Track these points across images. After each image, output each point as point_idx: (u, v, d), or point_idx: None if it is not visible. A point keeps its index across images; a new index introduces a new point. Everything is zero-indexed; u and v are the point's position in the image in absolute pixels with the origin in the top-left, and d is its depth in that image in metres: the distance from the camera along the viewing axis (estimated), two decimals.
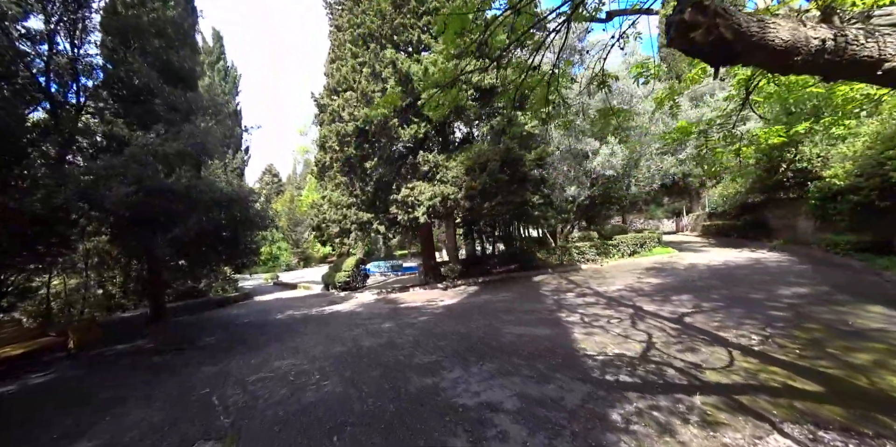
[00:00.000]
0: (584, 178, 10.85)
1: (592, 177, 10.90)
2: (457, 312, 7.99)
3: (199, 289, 13.61)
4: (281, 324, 8.85)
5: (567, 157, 10.88)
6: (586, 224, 17.71)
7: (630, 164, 11.57)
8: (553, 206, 11.78)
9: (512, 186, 10.10)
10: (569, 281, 10.78)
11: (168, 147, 6.04)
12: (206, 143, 7.06)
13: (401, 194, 10.52)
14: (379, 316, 8.67)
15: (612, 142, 10.50)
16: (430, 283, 13.70)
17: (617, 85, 10.86)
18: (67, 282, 12.62)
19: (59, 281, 12.67)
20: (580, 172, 10.88)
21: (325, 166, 13.63)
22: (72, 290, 12.34)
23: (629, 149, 10.86)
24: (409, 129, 10.29)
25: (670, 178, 15.27)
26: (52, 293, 11.51)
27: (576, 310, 7.11)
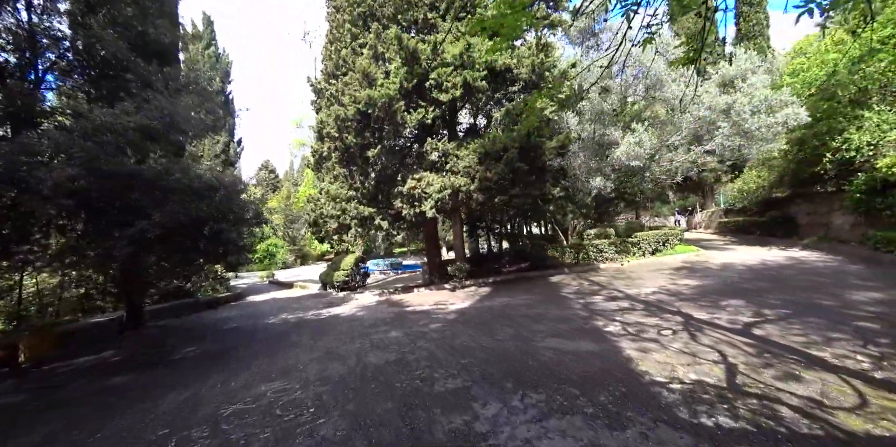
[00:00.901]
0: (607, 170, 9.90)
1: (615, 168, 9.96)
2: (474, 318, 7.03)
3: (186, 289, 12.59)
4: (272, 331, 7.87)
5: (589, 146, 9.90)
6: (596, 221, 16.78)
7: (659, 154, 10.60)
8: (573, 200, 10.82)
9: (530, 177, 9.12)
10: (591, 282, 9.84)
11: (126, 120, 4.97)
12: (179, 117, 5.98)
13: (406, 186, 9.52)
14: (383, 322, 7.70)
15: (639, 129, 9.55)
16: (436, 284, 12.74)
17: (643, 69, 9.89)
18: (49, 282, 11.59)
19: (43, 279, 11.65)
20: (603, 163, 9.92)
21: (322, 157, 12.59)
22: (50, 290, 11.31)
23: (657, 137, 9.89)
24: (415, 113, 9.27)
25: (694, 172, 14.33)
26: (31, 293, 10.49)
27: (613, 317, 6.16)
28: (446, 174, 9.20)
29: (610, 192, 10.30)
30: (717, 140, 10.50)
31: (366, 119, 9.81)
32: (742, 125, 9.97)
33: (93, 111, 4.96)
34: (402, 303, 9.96)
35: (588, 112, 9.84)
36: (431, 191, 9.15)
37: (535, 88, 9.94)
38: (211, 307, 12.89)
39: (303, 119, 29.95)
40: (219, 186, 6.23)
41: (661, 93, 10.66)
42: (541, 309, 7.36)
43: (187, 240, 6.14)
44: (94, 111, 4.95)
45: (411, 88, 9.28)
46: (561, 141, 8.77)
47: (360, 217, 10.23)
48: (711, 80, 11.60)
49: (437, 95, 9.01)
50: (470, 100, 9.66)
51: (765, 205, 15.34)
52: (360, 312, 9.34)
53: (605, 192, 10.13)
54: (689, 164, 11.56)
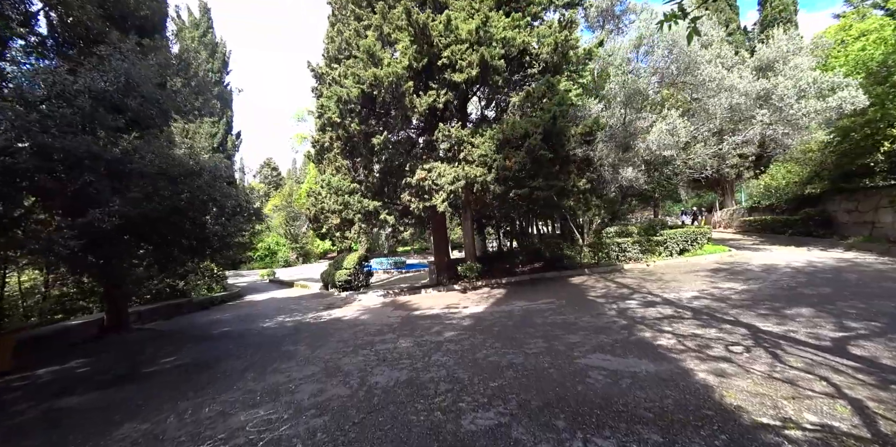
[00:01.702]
0: (636, 160, 8.97)
1: (645, 158, 9.02)
2: (493, 326, 6.15)
3: (180, 288, 11.80)
4: (266, 337, 7.02)
5: (618, 133, 8.96)
6: (610, 219, 15.83)
7: (690, 144, 9.63)
8: (598, 194, 9.90)
9: (553, 167, 8.21)
10: (617, 284, 8.92)
11: (68, 81, 4.05)
12: (144, 85, 5.03)
13: (415, 177, 8.64)
14: (390, 328, 6.84)
15: (673, 114, 8.61)
16: (445, 284, 11.87)
17: (676, 50, 8.93)
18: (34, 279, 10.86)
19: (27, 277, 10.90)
20: (629, 152, 8.98)
21: (323, 148, 11.73)
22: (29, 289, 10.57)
23: (693, 123, 8.91)
24: (425, 96, 8.37)
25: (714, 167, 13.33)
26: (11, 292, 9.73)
27: (659, 326, 5.25)
28: (459, 164, 8.31)
29: (643, 184, 9.36)
30: (755, 129, 9.52)
31: (370, 103, 8.93)
32: (786, 112, 8.99)
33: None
34: (409, 306, 9.10)
35: (618, 94, 8.90)
36: (443, 182, 8.26)
37: (556, 71, 9.02)
38: (205, 308, 12.10)
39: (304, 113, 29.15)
40: (199, 171, 5.34)
41: (692, 77, 9.69)
42: (569, 315, 6.46)
43: (163, 234, 5.30)
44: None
45: (421, 69, 8.38)
46: (588, 126, 7.84)
47: (365, 211, 9.36)
48: (746, 63, 10.60)
49: (450, 76, 8.11)
50: (486, 82, 8.75)
51: (796, 202, 14.32)
52: (364, 316, 8.49)
53: (637, 184, 9.20)
54: (718, 156, 10.59)
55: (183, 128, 14.81)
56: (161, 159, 4.77)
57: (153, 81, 5.24)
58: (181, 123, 7.62)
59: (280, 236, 39.38)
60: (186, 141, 7.00)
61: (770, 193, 15.64)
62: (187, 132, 15.35)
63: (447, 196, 8.33)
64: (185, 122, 7.52)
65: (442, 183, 8.30)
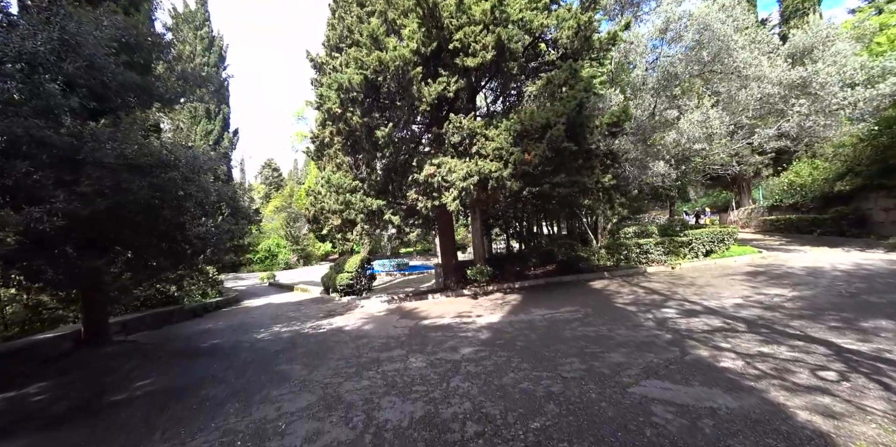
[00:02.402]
0: (665, 154, 8.22)
1: (673, 152, 8.27)
2: (515, 340, 5.38)
3: (171, 294, 11.07)
4: (257, 353, 6.27)
5: (645, 124, 8.20)
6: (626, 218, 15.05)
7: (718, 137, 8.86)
8: (623, 192, 9.13)
9: (576, 162, 7.45)
10: (645, 289, 8.14)
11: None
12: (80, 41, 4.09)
13: (423, 173, 7.89)
14: (397, 341, 6.08)
15: (706, 104, 7.87)
16: (454, 289, 11.10)
17: (708, 34, 8.18)
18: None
19: None
20: (658, 146, 8.23)
21: (323, 143, 10.99)
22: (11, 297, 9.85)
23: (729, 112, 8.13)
24: (435, 84, 7.64)
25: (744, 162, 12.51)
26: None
27: (714, 342, 4.48)
28: (472, 159, 7.55)
29: (674, 179, 8.59)
30: (793, 120, 8.74)
31: (374, 92, 8.19)
32: (827, 101, 8.22)
33: None
34: (416, 314, 8.34)
35: (647, 81, 8.15)
36: (454, 178, 7.51)
37: (576, 58, 8.27)
38: (198, 315, 11.37)
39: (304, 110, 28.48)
40: (173, 163, 4.55)
41: (722, 65, 8.92)
42: (600, 326, 5.69)
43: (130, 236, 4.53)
44: None
45: (430, 54, 7.65)
46: (615, 116, 7.09)
47: (368, 211, 8.61)
48: (779, 51, 9.84)
49: (461, 61, 7.38)
50: (499, 70, 8.01)
51: (823, 200, 13.53)
52: (368, 325, 7.73)
53: (669, 179, 8.43)
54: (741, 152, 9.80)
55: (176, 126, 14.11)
56: (126, 147, 4.00)
57: (105, 45, 4.40)
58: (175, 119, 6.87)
59: (281, 238, 38.70)
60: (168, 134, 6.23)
61: (794, 191, 14.83)
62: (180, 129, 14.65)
63: (458, 193, 7.58)
64: (167, 111, 6.80)
65: (453, 179, 7.55)
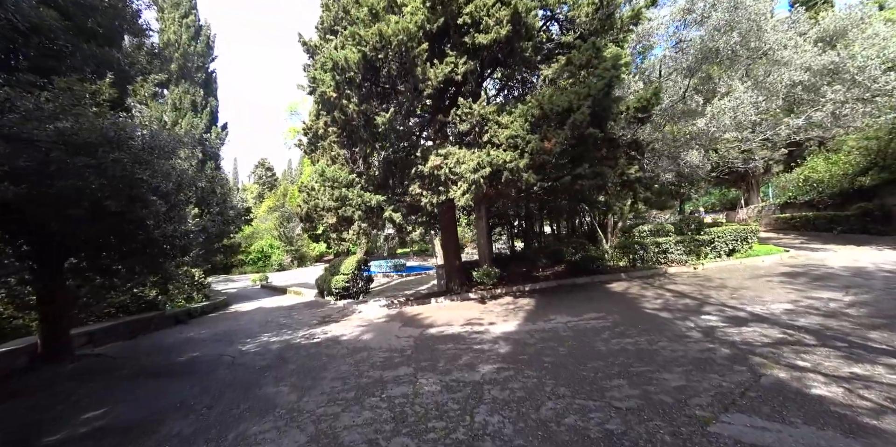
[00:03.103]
0: (694, 143, 7.52)
1: (700, 142, 7.58)
2: (541, 354, 4.60)
3: (150, 299, 10.15)
4: (240, 371, 5.43)
5: (675, 110, 7.47)
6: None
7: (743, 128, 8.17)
8: (648, 186, 8.41)
9: (600, 152, 6.70)
10: (673, 292, 7.41)
11: None
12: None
13: (428, 165, 7.10)
14: (402, 355, 5.27)
15: (739, 87, 7.18)
16: (458, 292, 10.31)
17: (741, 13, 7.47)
18: None
19: None
20: (687, 135, 7.52)
21: (316, 135, 10.14)
22: None
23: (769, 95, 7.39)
24: (441, 66, 6.85)
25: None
26: None
27: (787, 359, 3.73)
28: (484, 148, 6.77)
29: (711, 171, 7.89)
30: (826, 108, 8.08)
31: (373, 75, 7.37)
32: (867, 86, 7.58)
33: None
34: (420, 321, 7.54)
35: (683, 59, 7.42)
36: (463, 170, 6.72)
37: (597, 36, 7.53)
38: (181, 322, 10.46)
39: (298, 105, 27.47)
40: (123, 140, 3.66)
41: (748, 50, 8.23)
42: (638, 337, 4.94)
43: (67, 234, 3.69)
44: None
45: (436, 32, 6.86)
46: (644, 100, 6.35)
47: (366, 207, 7.79)
48: (806, 35, 9.19)
49: (472, 39, 6.60)
50: (513, 51, 7.23)
51: (843, 196, 12.96)
52: (367, 335, 6.91)
53: (703, 170, 7.72)
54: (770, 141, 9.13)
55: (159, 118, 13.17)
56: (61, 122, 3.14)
57: None
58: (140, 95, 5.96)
59: (274, 239, 37.64)
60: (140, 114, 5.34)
61: (810, 187, 14.26)
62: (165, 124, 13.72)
63: (468, 187, 6.79)
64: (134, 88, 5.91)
65: (461, 171, 6.76)
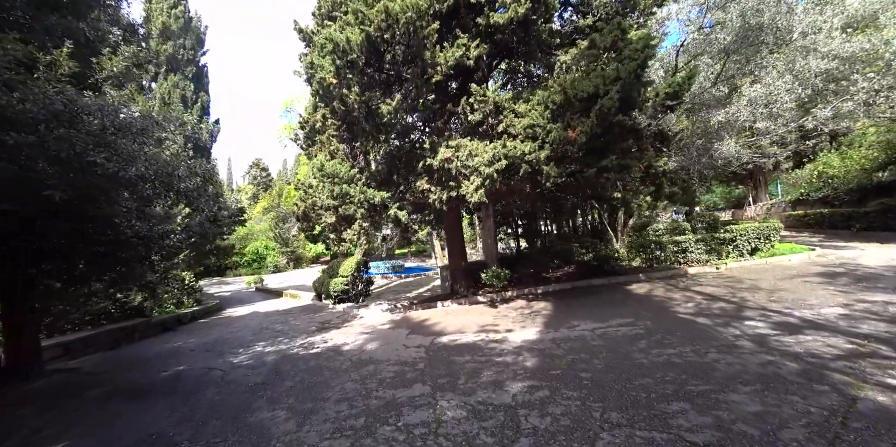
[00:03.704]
0: (722, 134, 6.98)
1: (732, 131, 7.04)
2: (573, 367, 3.99)
3: (135, 305, 9.43)
4: (229, 390, 4.78)
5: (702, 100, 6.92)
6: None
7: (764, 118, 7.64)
8: (674, 180, 7.85)
9: (626, 142, 6.13)
10: (703, 295, 6.85)
11: None
12: None
13: (437, 158, 6.48)
14: (414, 369, 4.66)
15: (773, 73, 6.65)
16: (465, 295, 9.71)
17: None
18: None
19: None
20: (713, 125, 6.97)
21: (314, 129, 9.50)
22: None
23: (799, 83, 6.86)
24: (452, 49, 6.25)
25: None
26: None
27: (874, 377, 3.15)
28: (500, 138, 6.17)
29: (746, 162, 7.35)
30: (858, 97, 7.59)
31: (376, 60, 6.74)
32: None
33: None
34: (428, 327, 6.93)
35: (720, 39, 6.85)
36: (477, 163, 6.12)
37: (619, 17, 6.96)
38: (169, 329, 9.76)
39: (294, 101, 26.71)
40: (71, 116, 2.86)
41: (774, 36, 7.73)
42: (680, 347, 4.35)
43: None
44: None
45: (446, 11, 6.25)
46: (676, 85, 5.78)
47: (369, 204, 7.15)
48: (833, 21, 8.70)
49: (487, 19, 6.01)
50: (529, 34, 6.65)
51: (861, 192, 12.53)
52: (371, 344, 6.29)
53: (739, 162, 7.18)
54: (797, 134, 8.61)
55: None
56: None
57: None
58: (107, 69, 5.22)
59: (269, 240, 36.83)
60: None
61: (823, 183, 13.84)
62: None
63: (482, 182, 6.19)
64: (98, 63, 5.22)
65: (475, 164, 6.16)
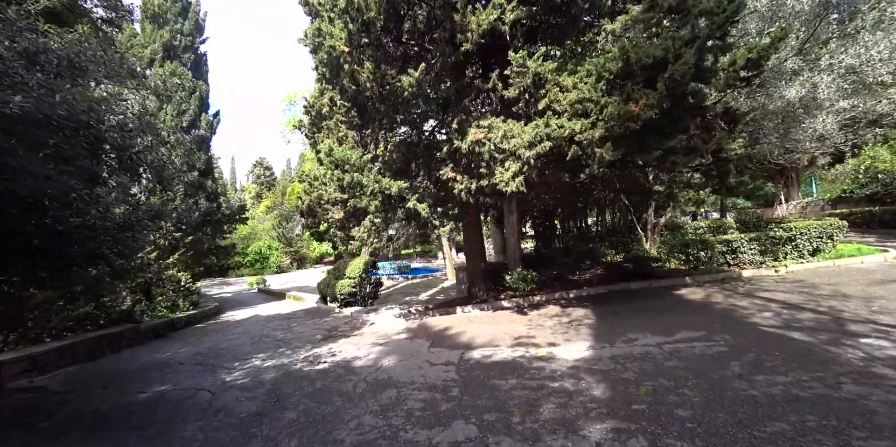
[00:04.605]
0: (812, 111, 5.91)
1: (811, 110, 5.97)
2: (660, 399, 2.99)
3: (123, 310, 8.54)
4: (213, 424, 3.83)
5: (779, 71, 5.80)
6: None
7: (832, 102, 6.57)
8: (739, 164, 6.77)
9: (693, 121, 5.12)
10: (779, 303, 5.81)
11: None
12: None
13: (467, 140, 5.50)
14: (447, 397, 3.68)
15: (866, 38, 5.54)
16: (485, 300, 8.73)
17: None
18: None
19: None
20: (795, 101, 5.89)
21: (320, 114, 8.58)
22: None
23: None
24: (486, 11, 5.27)
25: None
26: None
27: None
28: (545, 115, 5.18)
29: (844, 142, 6.29)
30: None
31: (396, 26, 5.78)
32: None
33: None
34: (451, 338, 5.95)
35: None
36: (514, 146, 5.14)
37: None
38: (160, 335, 8.85)
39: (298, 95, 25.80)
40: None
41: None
42: (794, 373, 3.34)
43: None
44: None
45: None
46: (760, 49, 4.76)
47: (383, 196, 6.18)
48: None
49: None
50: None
51: None
52: (388, 358, 5.32)
53: (834, 141, 6.11)
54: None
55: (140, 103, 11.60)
56: None
57: None
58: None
59: (273, 240, 36.06)
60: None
61: (870, 179, 12.72)
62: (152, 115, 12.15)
63: (521, 168, 5.20)
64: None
65: (512, 147, 5.18)
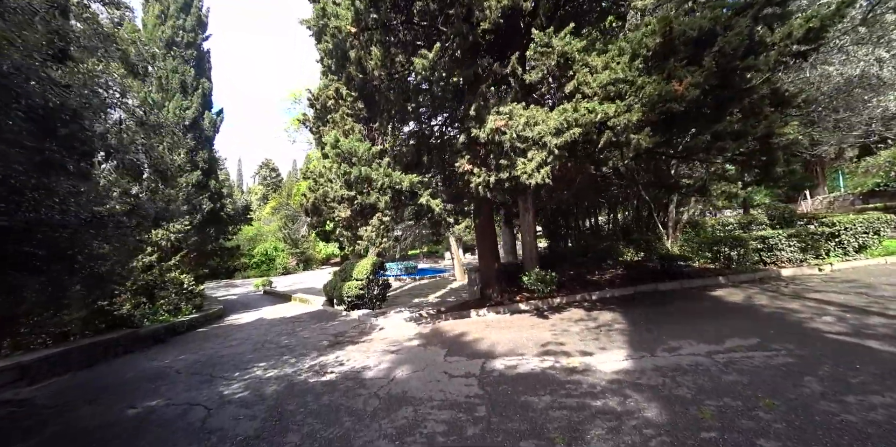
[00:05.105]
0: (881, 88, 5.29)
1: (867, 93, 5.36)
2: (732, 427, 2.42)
3: (121, 314, 8.17)
4: (209, 445, 3.37)
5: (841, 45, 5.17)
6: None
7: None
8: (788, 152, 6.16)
9: (741, 102, 4.55)
10: (836, 305, 5.19)
11: None
12: None
13: (486, 128, 4.99)
14: (472, 418, 3.17)
15: None
16: (501, 302, 8.22)
17: None
18: None
19: None
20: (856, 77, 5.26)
21: (325, 107, 8.14)
22: None
23: None
24: None
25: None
26: None
27: None
28: (573, 99, 4.65)
29: None
30: None
31: (406, 6, 5.29)
32: None
33: None
34: (470, 345, 5.44)
35: None
36: (539, 133, 4.62)
37: None
38: (160, 340, 8.48)
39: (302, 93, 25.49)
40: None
41: None
42: (891, 392, 2.78)
43: None
44: None
45: None
46: (825, 18, 4.17)
47: (394, 191, 5.69)
48: None
49: None
50: None
51: None
52: (401, 369, 4.84)
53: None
54: None
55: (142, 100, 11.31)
56: None
57: None
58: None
59: (279, 241, 35.87)
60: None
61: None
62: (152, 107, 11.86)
63: (546, 158, 4.67)
64: None
65: (536, 135, 4.65)
